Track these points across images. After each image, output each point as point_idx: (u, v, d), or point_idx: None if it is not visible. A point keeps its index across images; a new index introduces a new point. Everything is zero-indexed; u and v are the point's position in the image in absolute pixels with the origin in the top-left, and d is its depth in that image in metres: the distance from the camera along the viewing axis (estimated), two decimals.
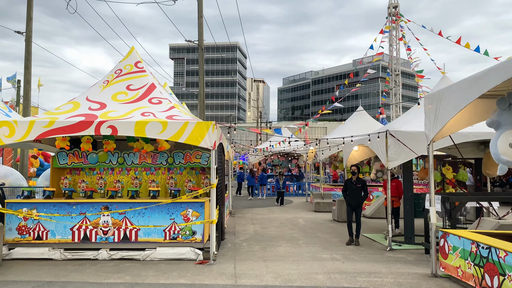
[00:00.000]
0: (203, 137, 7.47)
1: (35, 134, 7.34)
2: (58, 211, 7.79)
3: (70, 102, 8.36)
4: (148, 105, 8.24)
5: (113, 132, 7.38)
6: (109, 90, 8.56)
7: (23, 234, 7.73)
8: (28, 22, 20.42)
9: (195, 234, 7.82)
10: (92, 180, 9.56)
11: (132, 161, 9.48)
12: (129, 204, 7.87)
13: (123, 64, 9.14)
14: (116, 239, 7.77)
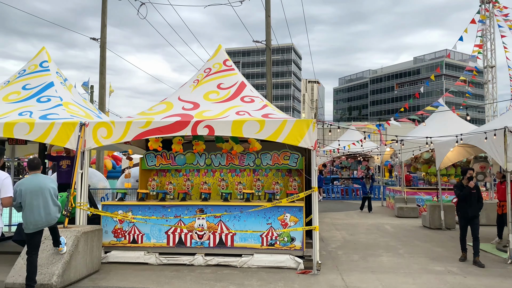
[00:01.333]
0: (302, 136, 6.92)
1: (132, 135, 7.17)
2: (153, 214, 7.58)
3: (163, 102, 8.16)
4: (241, 103, 7.84)
5: (210, 132, 7.03)
6: (200, 89, 8.27)
7: (118, 237, 7.61)
8: (103, 29, 21.12)
9: (294, 241, 7.26)
10: (178, 182, 9.36)
11: (219, 162, 9.16)
12: (225, 207, 7.49)
13: (211, 63, 8.83)
14: (211, 244, 7.41)
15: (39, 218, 5.25)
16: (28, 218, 5.22)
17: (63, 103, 8.17)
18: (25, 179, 5.35)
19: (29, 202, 5.23)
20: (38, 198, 5.27)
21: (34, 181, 5.31)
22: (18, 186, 5.29)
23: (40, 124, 7.23)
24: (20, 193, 5.25)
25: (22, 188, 5.25)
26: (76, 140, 7.17)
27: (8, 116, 7.53)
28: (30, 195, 5.23)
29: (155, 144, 8.11)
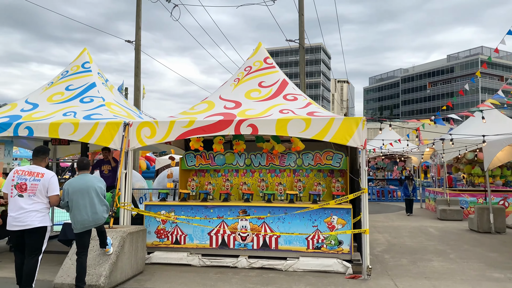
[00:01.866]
0: (351, 135, 6.62)
1: (175, 134, 7.09)
2: (195, 214, 7.47)
3: (204, 101, 8.05)
4: (283, 102, 7.62)
5: (253, 131, 6.85)
6: (241, 88, 8.11)
7: (161, 238, 7.54)
8: (137, 31, 21.35)
9: (342, 244, 6.97)
10: (218, 182, 9.24)
11: (259, 162, 8.97)
12: (268, 208, 7.28)
13: (252, 61, 8.66)
14: (255, 246, 7.22)
15: (86, 218, 5.21)
16: (75, 218, 5.20)
17: (105, 103, 8.19)
18: (72, 179, 5.33)
19: (76, 202, 5.20)
20: (85, 197, 5.23)
21: (81, 180, 5.28)
22: (66, 185, 5.27)
23: (84, 124, 7.25)
24: (67, 192, 5.24)
25: (70, 188, 5.24)
26: (120, 140, 7.14)
27: (53, 117, 7.60)
28: (77, 195, 5.20)
29: (197, 144, 8.00)
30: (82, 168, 5.44)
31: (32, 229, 5.01)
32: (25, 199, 5.03)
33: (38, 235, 5.06)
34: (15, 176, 5.12)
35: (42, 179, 5.12)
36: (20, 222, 4.97)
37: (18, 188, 5.06)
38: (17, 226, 4.98)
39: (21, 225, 4.98)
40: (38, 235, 5.06)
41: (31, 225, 5.00)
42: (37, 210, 5.06)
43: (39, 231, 5.07)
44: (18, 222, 4.97)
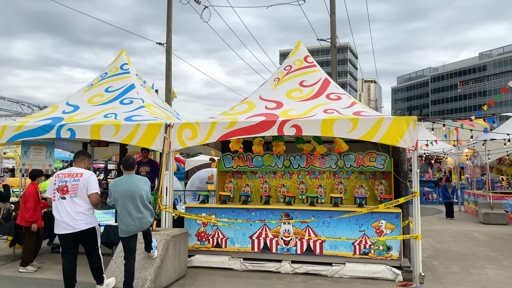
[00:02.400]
0: (402, 135, 6.30)
1: (216, 135, 6.95)
2: (237, 217, 7.31)
3: (244, 102, 7.89)
4: (327, 101, 7.36)
5: (297, 132, 6.63)
6: (282, 87, 7.90)
7: (202, 241, 7.41)
8: (168, 33, 21.48)
9: (390, 250, 6.65)
10: (255, 184, 9.06)
11: (298, 164, 8.74)
12: (312, 212, 7.04)
13: (291, 60, 8.44)
14: (298, 251, 6.99)
15: (132, 223, 5.11)
16: (121, 223, 5.11)
17: (145, 104, 8.15)
18: (118, 180, 5.23)
19: (121, 206, 5.11)
20: (131, 202, 5.13)
21: (127, 183, 5.17)
22: (112, 187, 5.18)
23: (126, 125, 7.21)
24: (114, 195, 5.16)
25: (115, 191, 5.14)
26: (161, 141, 7.06)
27: (94, 118, 7.61)
28: (122, 199, 5.11)
29: (236, 145, 7.85)
30: (127, 167, 5.32)
31: (81, 232, 4.98)
32: (68, 201, 5.00)
33: (90, 235, 5.09)
34: (57, 179, 5.11)
35: (81, 178, 5.08)
36: (67, 225, 4.94)
37: (60, 191, 5.03)
38: (65, 229, 4.95)
39: (68, 228, 4.95)
40: (89, 235, 5.08)
41: (79, 228, 4.97)
42: (82, 212, 5.02)
43: (89, 232, 5.05)
44: (65, 225, 4.94)
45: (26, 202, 6.79)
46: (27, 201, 6.78)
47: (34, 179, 7.12)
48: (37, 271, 6.87)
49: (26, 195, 6.86)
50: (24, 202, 6.81)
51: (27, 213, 6.76)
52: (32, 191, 6.88)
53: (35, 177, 7.13)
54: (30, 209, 6.77)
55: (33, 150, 8.38)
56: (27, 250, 6.86)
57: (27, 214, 6.76)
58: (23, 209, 6.83)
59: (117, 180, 5.23)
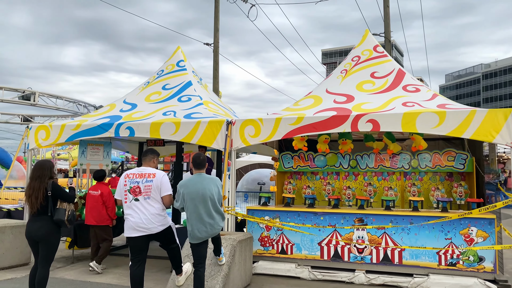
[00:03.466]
0: (498, 130, 5.50)
1: (281, 133, 6.42)
2: (303, 222, 6.74)
3: (309, 96, 7.32)
4: (404, 93, 6.65)
5: (374, 127, 5.97)
6: (351, 80, 7.26)
7: (266, 246, 6.91)
8: (215, 33, 21.31)
9: (483, 261, 5.84)
10: (316, 186, 8.45)
11: (366, 164, 8.04)
12: (390, 217, 6.34)
13: (359, 50, 7.77)
14: (374, 260, 6.32)
15: (203, 228, 4.65)
16: (191, 228, 4.66)
17: (203, 102, 7.78)
18: (188, 180, 4.80)
19: (191, 210, 4.66)
20: (201, 205, 4.66)
21: (197, 184, 4.72)
22: (181, 188, 4.76)
23: (186, 123, 6.85)
24: (182, 197, 4.73)
25: (185, 192, 4.70)
26: (223, 139, 6.63)
27: (153, 116, 7.31)
28: (192, 202, 4.66)
29: (300, 143, 7.28)
30: (198, 165, 4.87)
31: (158, 234, 4.65)
32: (142, 203, 4.64)
33: (166, 233, 4.79)
34: (127, 180, 4.74)
35: (154, 179, 4.70)
36: (142, 228, 4.60)
37: (132, 192, 4.68)
38: (139, 231, 4.60)
39: (144, 231, 4.60)
40: (166, 233, 4.79)
41: (156, 230, 4.63)
42: (158, 214, 4.69)
43: (165, 233, 4.76)
44: (140, 228, 4.60)
45: (106, 202, 6.96)
46: (108, 201, 6.96)
47: (101, 179, 7.12)
48: (101, 274, 6.70)
49: (106, 195, 6.99)
50: (104, 202, 6.95)
51: (111, 211, 7.01)
52: (110, 191, 7.07)
53: (102, 177, 7.03)
54: (113, 208, 7.03)
55: (91, 149, 8.23)
56: (107, 248, 6.95)
57: (111, 213, 7.01)
58: (97, 209, 6.93)
59: (186, 180, 4.81)
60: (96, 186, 7.05)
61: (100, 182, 7.11)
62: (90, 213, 6.93)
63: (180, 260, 5.04)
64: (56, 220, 4.68)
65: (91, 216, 6.93)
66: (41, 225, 4.66)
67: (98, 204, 6.90)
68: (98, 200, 6.90)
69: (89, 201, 6.98)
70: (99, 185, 7.07)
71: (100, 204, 6.90)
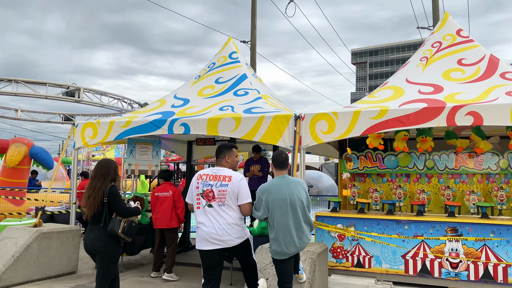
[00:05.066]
0: None
1: (361, 128, 5.58)
2: (383, 231, 5.87)
3: (386, 87, 6.46)
4: (504, 82, 5.71)
5: (476, 121, 5.06)
6: (434, 68, 6.36)
7: (339, 258, 6.08)
8: (252, 30, 20.65)
9: None
10: (384, 190, 7.55)
11: (445, 165, 7.08)
12: (491, 227, 5.39)
13: (440, 35, 6.84)
14: (471, 277, 5.38)
15: (291, 243, 3.86)
16: (277, 242, 3.87)
17: (261, 95, 7.05)
18: (271, 185, 4.02)
19: (278, 220, 3.87)
20: (289, 214, 3.88)
21: (283, 189, 3.92)
22: (263, 193, 3.99)
23: (247, 119, 6.11)
24: (266, 205, 3.92)
25: (269, 199, 3.92)
26: (290, 136, 5.85)
27: (209, 112, 6.62)
28: (278, 210, 3.86)
29: (376, 141, 6.41)
30: (280, 165, 4.07)
31: (234, 248, 3.91)
32: (217, 210, 3.90)
33: (243, 247, 4.03)
34: (199, 182, 4.01)
35: (230, 183, 3.94)
36: (216, 240, 3.86)
37: (205, 197, 3.95)
38: (214, 244, 3.87)
39: (219, 244, 3.87)
40: (243, 247, 4.03)
41: (232, 243, 3.89)
42: (236, 223, 3.93)
43: (243, 247, 4.01)
44: (214, 240, 3.86)
45: (177, 202, 6.57)
46: (179, 201, 6.57)
47: (169, 180, 6.69)
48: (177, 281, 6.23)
49: (177, 195, 6.62)
50: (174, 202, 6.56)
51: (181, 212, 6.58)
52: (180, 191, 6.73)
53: (170, 178, 6.64)
54: (183, 209, 6.59)
55: (139, 149, 7.64)
56: (174, 254, 6.47)
57: (182, 214, 6.60)
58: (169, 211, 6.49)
59: (269, 184, 4.02)
60: (164, 187, 6.62)
61: (167, 183, 6.68)
62: (162, 216, 6.48)
63: (256, 278, 4.26)
64: (109, 232, 4.02)
65: (163, 219, 6.47)
66: (96, 235, 4.02)
67: (169, 206, 6.50)
68: (170, 201, 6.51)
69: (158, 203, 6.54)
70: (167, 185, 6.64)
71: (172, 206, 6.51)
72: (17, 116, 12.15)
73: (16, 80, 9.43)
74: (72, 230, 6.70)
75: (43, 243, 6.22)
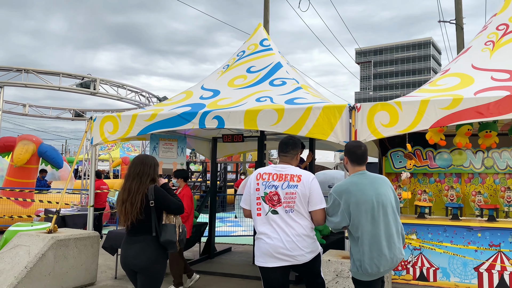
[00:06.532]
0: None
1: (430, 120, 4.80)
2: (451, 239, 5.11)
3: (449, 74, 5.68)
4: None
5: None
6: (504, 52, 5.58)
7: (397, 270, 5.32)
8: (265, 25, 20.03)
9: None
10: (433, 191, 6.80)
11: (507, 163, 6.34)
12: None
13: (505, 17, 6.00)
14: None
15: (381, 259, 3.01)
16: (363, 256, 3.03)
17: (301, 85, 6.30)
18: (350, 184, 3.16)
19: (364, 229, 3.04)
20: (377, 221, 3.05)
21: (366, 188, 3.10)
22: (340, 194, 3.13)
23: (292, 110, 5.35)
24: (346, 209, 3.07)
25: (350, 202, 3.08)
26: (344, 130, 5.09)
27: (245, 103, 5.87)
28: (365, 216, 3.04)
29: (437, 136, 5.63)
30: (359, 160, 3.23)
31: (303, 264, 3.14)
32: (284, 217, 3.14)
33: (313, 263, 3.25)
34: (260, 182, 3.24)
35: (300, 184, 3.17)
36: (283, 255, 3.10)
37: (268, 202, 3.18)
38: (280, 260, 3.11)
39: (287, 260, 3.11)
40: (313, 264, 3.25)
41: (303, 260, 3.13)
42: (307, 235, 3.17)
43: (314, 263, 3.24)
44: (280, 255, 3.10)
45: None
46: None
47: (186, 180, 5.74)
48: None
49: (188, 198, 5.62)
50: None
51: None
52: (188, 193, 5.59)
53: (186, 178, 5.63)
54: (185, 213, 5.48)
55: (163, 145, 6.89)
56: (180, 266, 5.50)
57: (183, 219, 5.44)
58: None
59: (348, 183, 3.17)
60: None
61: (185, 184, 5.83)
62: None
63: None
64: (164, 242, 3.23)
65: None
66: (141, 248, 3.22)
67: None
68: None
69: None
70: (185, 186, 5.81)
71: None
72: (25, 111, 11.42)
73: (26, 69, 8.65)
74: (90, 236, 5.96)
75: (59, 252, 5.47)
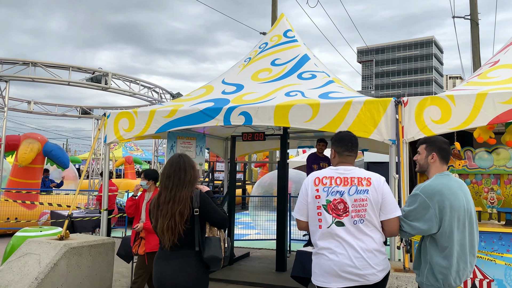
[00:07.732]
0: None
1: (488, 115, 4.31)
2: (508, 248, 4.62)
3: (499, 66, 5.20)
4: None
5: None
6: None
7: None
8: (273, 22, 19.64)
9: None
10: (471, 193, 6.30)
11: None
12: None
13: None
14: None
15: (465, 272, 2.61)
16: (449, 270, 2.57)
17: (333, 79, 5.81)
18: (441, 185, 2.60)
19: (455, 239, 2.58)
20: (466, 229, 2.64)
21: (458, 193, 2.64)
22: (432, 197, 2.59)
23: (328, 105, 4.86)
24: (439, 214, 2.57)
25: (445, 206, 2.57)
26: (389, 127, 4.60)
27: (273, 98, 5.38)
28: (457, 223, 2.59)
29: (486, 134, 5.15)
30: (448, 157, 2.80)
31: (373, 285, 2.64)
32: (351, 230, 2.63)
33: (385, 284, 2.73)
34: (320, 188, 2.71)
35: (371, 188, 2.65)
36: (351, 275, 2.59)
37: (332, 211, 2.67)
38: (348, 280, 2.60)
39: (354, 279, 2.59)
40: (385, 285, 2.73)
41: (374, 279, 2.61)
42: (378, 250, 2.65)
43: (384, 282, 2.71)
44: (347, 273, 2.59)
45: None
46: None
47: (157, 181, 5.03)
48: None
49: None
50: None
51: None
52: None
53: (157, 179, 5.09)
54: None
55: (181, 144, 6.40)
56: None
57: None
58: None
59: (440, 184, 2.64)
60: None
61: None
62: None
63: None
64: (208, 259, 2.72)
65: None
66: (180, 266, 2.71)
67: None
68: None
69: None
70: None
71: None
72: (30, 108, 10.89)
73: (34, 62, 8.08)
74: (105, 243, 5.47)
75: (72, 261, 4.98)
